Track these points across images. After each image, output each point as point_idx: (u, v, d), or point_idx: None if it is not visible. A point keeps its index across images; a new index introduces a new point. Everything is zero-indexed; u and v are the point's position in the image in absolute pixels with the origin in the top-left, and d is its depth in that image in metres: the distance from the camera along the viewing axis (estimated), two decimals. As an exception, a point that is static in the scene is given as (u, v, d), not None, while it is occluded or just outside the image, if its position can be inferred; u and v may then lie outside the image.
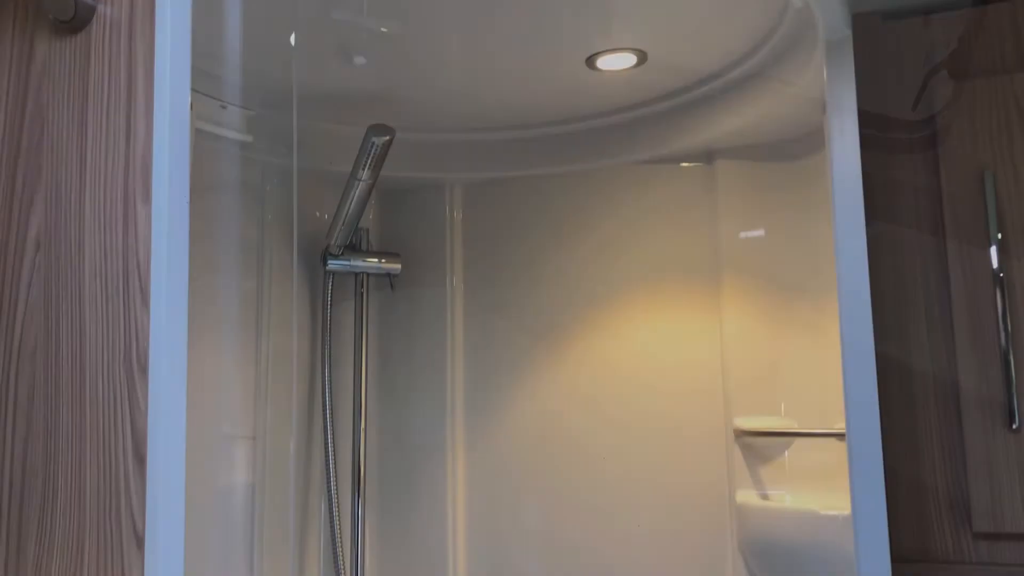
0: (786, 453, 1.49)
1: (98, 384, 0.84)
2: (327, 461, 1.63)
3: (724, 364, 1.56)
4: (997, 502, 1.23)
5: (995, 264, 1.27)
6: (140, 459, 0.81)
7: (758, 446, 1.51)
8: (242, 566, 1.53)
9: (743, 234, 1.57)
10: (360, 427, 1.72)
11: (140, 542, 0.80)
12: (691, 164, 1.64)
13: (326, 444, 1.64)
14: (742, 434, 1.51)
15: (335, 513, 1.61)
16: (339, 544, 1.61)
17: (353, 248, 1.75)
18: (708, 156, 1.62)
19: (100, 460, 0.84)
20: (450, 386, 1.75)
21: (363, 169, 1.55)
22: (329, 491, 1.62)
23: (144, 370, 0.81)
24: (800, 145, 1.45)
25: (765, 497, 1.49)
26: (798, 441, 1.48)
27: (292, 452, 1.66)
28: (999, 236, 1.27)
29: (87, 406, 0.85)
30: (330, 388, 1.66)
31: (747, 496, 1.50)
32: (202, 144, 1.52)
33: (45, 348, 0.85)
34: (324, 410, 1.65)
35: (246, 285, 1.61)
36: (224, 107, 1.56)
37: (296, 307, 1.70)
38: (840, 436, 1.40)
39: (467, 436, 1.74)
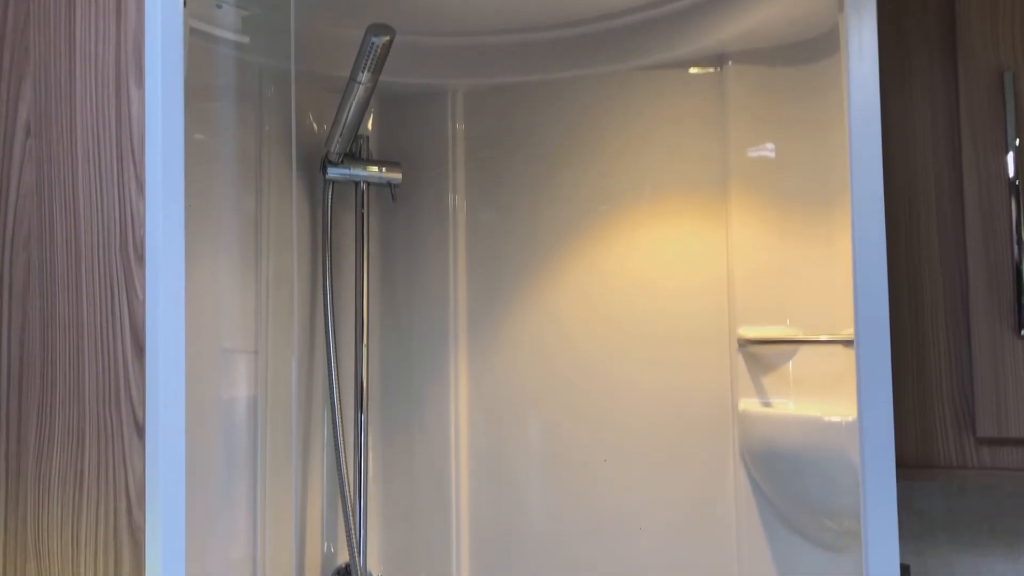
0: (790, 363, 1.48)
1: (94, 273, 0.82)
2: (329, 376, 1.62)
3: (730, 275, 1.55)
4: (1002, 407, 1.23)
5: (1011, 172, 1.24)
6: (139, 349, 0.80)
7: (762, 355, 1.50)
8: (245, 476, 1.54)
9: (752, 146, 1.54)
10: (362, 342, 1.71)
11: (141, 431, 0.80)
12: (701, 70, 1.60)
13: (328, 359, 1.63)
14: (746, 343, 1.50)
15: (338, 429, 1.61)
16: (343, 459, 1.61)
17: (353, 156, 1.71)
18: (719, 60, 1.57)
19: (98, 350, 0.83)
20: (453, 299, 1.74)
21: (363, 71, 1.51)
22: (332, 406, 1.62)
23: (141, 258, 0.79)
24: (814, 48, 1.40)
25: (768, 406, 1.49)
26: (803, 350, 1.47)
27: (294, 365, 1.65)
28: (1016, 143, 1.24)
29: (83, 295, 0.83)
30: (331, 303, 1.64)
31: (750, 404, 1.50)
32: (196, 44, 1.47)
33: (39, 236, 0.83)
34: (326, 325, 1.64)
35: (244, 197, 1.57)
36: (220, 6, 1.51)
37: (296, 218, 1.68)
38: (846, 343, 1.39)
39: (471, 350, 1.73)
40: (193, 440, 1.29)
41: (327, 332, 1.63)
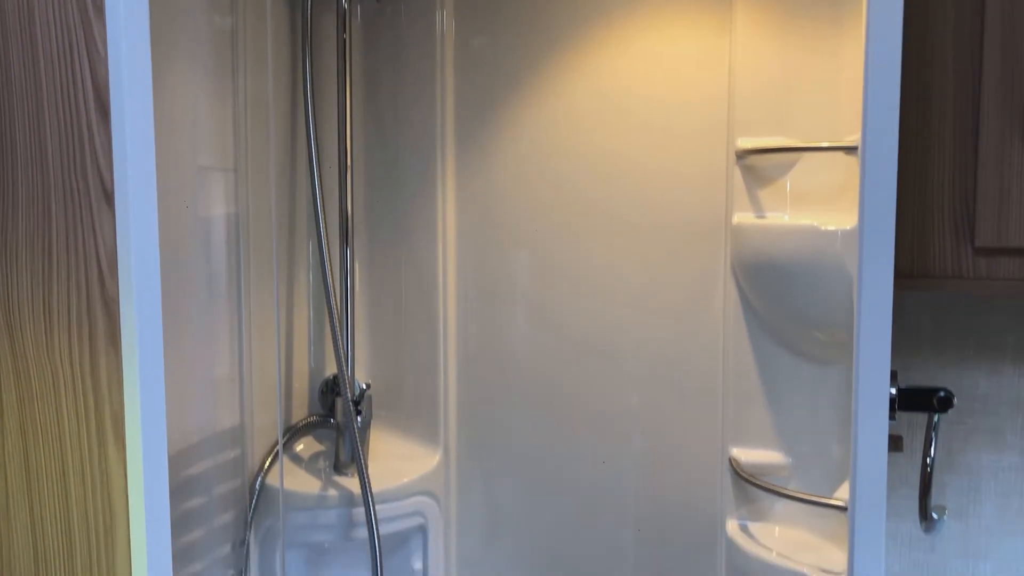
0: (788, 175, 1.44)
1: (50, 28, 0.75)
2: (313, 194, 1.56)
3: (731, 86, 1.48)
4: (1003, 216, 1.20)
5: (1038, -35, 1.16)
6: (103, 111, 0.74)
7: (760, 168, 1.46)
8: (229, 293, 1.51)
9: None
10: (346, 169, 1.65)
11: (109, 198, 0.75)
12: None
13: (312, 181, 1.56)
14: (745, 154, 1.45)
15: (323, 249, 1.56)
16: (329, 277, 1.57)
17: (334, -45, 1.60)
18: None
19: (59, 113, 0.77)
20: (440, 114, 1.66)
21: None
22: (317, 224, 1.57)
23: (100, 10, 0.72)
24: None
25: (763, 219, 1.45)
26: (801, 163, 1.42)
27: (271, 172, 1.59)
28: (1044, -65, 1.16)
29: (40, 53, 0.76)
30: (313, 124, 1.56)
31: (744, 217, 1.46)
32: None
33: (-15, -17, 0.75)
34: (308, 147, 1.56)
35: (216, 10, 1.47)
36: None
37: (271, 33, 1.58)
38: (848, 150, 1.35)
39: (458, 178, 1.68)
40: (170, 256, 1.25)
41: (310, 155, 1.56)
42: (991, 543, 1.47)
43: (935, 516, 1.16)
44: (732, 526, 1.53)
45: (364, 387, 1.68)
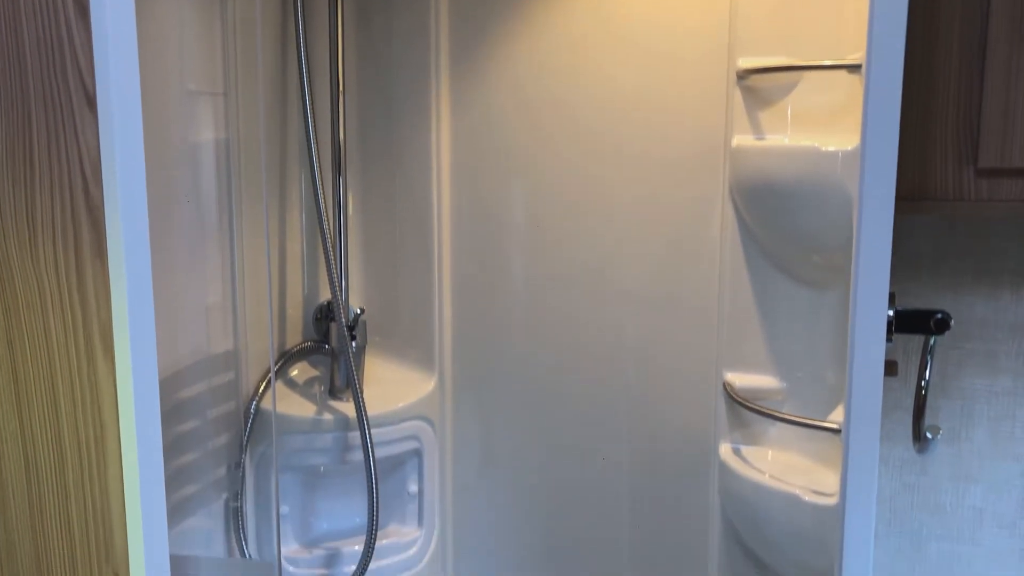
0: (789, 96, 1.41)
1: (24, -78, 0.72)
2: (305, 119, 1.52)
3: (733, 4, 1.44)
4: (1008, 137, 1.18)
5: None
6: (82, 9, 0.71)
7: (761, 89, 1.43)
8: (220, 219, 1.49)
9: None
10: (338, 95, 1.61)
11: (92, 103, 0.73)
12: None
13: (303, 100, 1.52)
14: (746, 75, 1.42)
15: (316, 175, 1.53)
16: (322, 203, 1.54)
17: None
18: None
19: (37, 11, 0.74)
20: (434, 38, 1.62)
21: None
22: (309, 149, 1.53)
23: (75, -98, 0.69)
24: None
25: (762, 140, 1.43)
26: (803, 82, 1.39)
27: (261, 97, 1.56)
28: None
29: (14, -51, 0.73)
30: (304, 42, 1.51)
31: (744, 140, 1.44)
32: None
33: None
34: (300, 66, 1.52)
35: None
36: None
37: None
38: (851, 68, 1.31)
39: (454, 92, 1.63)
40: (159, 182, 1.22)
41: (301, 79, 1.51)
42: (982, 466, 1.48)
43: (929, 436, 1.16)
44: (725, 450, 1.54)
45: (358, 311, 1.67)
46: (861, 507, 1.13)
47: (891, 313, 1.14)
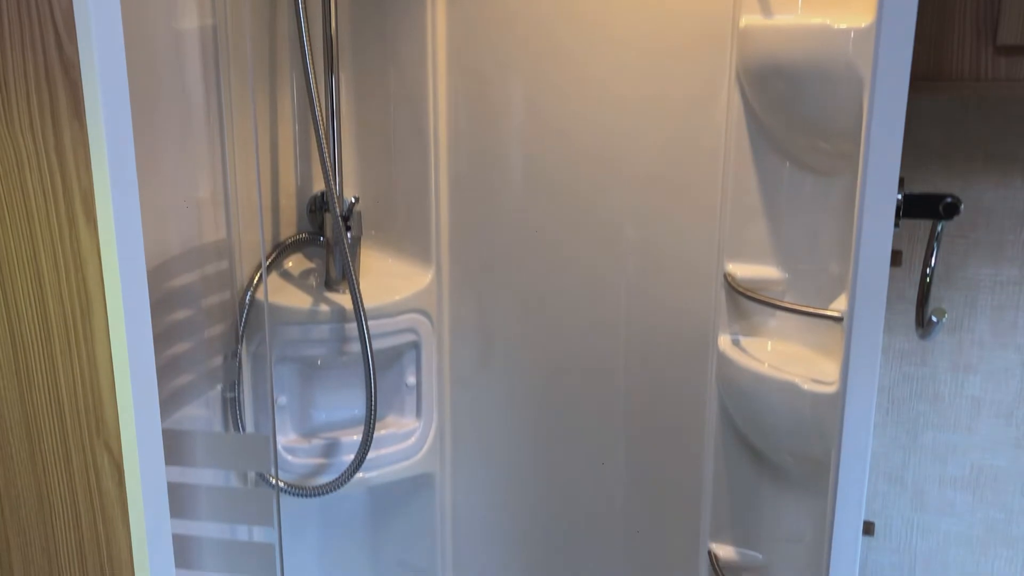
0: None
1: None
2: (296, 4, 1.45)
3: None
4: (1030, 11, 1.13)
5: None
6: None
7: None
8: (209, 109, 1.43)
9: None
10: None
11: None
12: None
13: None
14: (756, -51, 1.35)
15: (307, 64, 1.46)
16: (315, 96, 1.48)
17: None
18: None
19: None
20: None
21: None
22: (300, 37, 1.46)
23: None
24: None
25: (772, 19, 1.37)
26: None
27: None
28: None
29: None
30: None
31: (752, 19, 1.38)
32: None
33: None
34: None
35: None
36: None
37: None
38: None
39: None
40: (142, 68, 1.17)
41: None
42: (982, 356, 1.47)
43: (934, 319, 1.15)
44: (724, 341, 1.52)
45: (353, 200, 1.64)
46: (862, 394, 1.13)
47: (899, 197, 1.11)
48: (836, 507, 1.16)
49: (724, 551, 1.59)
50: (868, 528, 1.59)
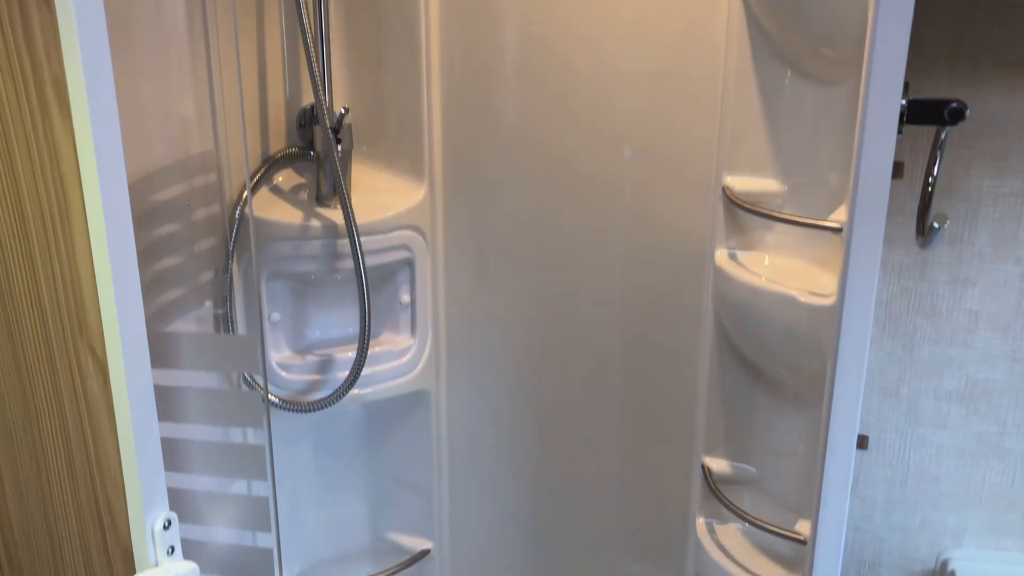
0: None
1: None
2: None
3: None
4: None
5: None
6: None
7: None
8: (193, 24, 1.38)
9: None
10: None
11: None
12: None
13: None
14: None
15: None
16: (303, 8, 1.43)
17: None
18: None
19: None
20: None
21: None
22: None
23: None
24: None
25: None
26: None
27: None
28: None
29: None
30: None
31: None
32: None
33: None
34: None
35: None
36: None
37: None
38: None
39: None
40: None
41: None
42: (981, 269, 1.46)
43: (936, 225, 1.13)
44: (720, 255, 1.51)
45: (342, 111, 1.60)
46: (859, 307, 1.11)
47: (904, 102, 1.08)
48: (831, 420, 1.16)
49: (718, 464, 1.60)
50: (862, 442, 1.59)
